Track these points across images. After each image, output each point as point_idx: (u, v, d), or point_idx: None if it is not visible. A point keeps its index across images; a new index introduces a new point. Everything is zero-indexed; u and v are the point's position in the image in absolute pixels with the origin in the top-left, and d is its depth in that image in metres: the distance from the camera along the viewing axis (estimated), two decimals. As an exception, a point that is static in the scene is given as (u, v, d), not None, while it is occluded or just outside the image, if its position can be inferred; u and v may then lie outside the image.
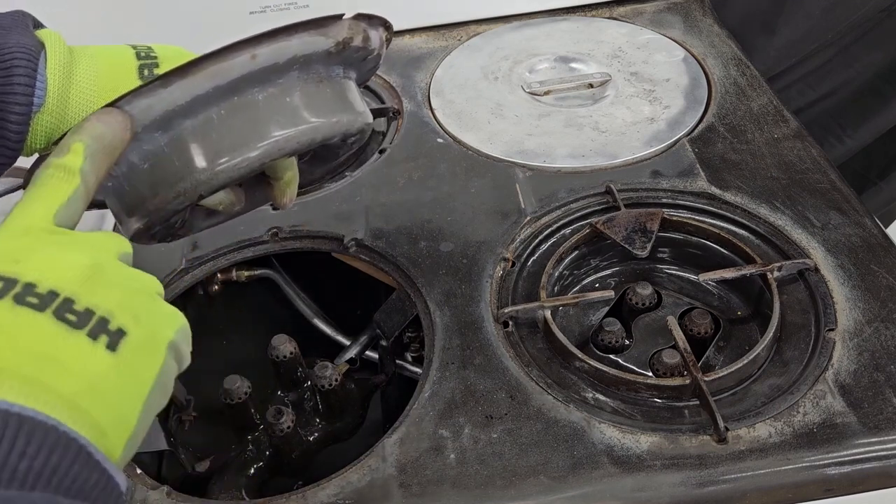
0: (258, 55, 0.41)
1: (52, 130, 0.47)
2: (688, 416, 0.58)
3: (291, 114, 0.44)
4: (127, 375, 0.33)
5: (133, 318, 0.35)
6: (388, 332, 0.72)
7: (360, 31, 0.46)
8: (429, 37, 1.03)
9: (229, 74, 0.41)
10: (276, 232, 0.75)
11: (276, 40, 0.42)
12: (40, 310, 0.32)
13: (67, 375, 0.32)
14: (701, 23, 1.01)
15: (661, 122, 0.85)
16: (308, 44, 0.44)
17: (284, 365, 0.71)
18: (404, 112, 0.90)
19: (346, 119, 0.47)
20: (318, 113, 0.45)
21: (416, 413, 0.58)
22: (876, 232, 0.69)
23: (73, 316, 0.33)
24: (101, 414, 0.32)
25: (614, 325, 0.65)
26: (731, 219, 0.72)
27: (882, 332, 0.61)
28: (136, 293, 0.36)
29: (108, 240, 0.38)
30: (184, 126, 0.42)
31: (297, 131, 0.44)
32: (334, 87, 0.46)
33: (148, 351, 0.35)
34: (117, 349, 0.33)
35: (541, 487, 0.53)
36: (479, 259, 0.70)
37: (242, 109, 0.43)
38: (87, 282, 0.34)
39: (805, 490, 0.54)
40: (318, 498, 0.54)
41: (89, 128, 0.39)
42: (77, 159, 0.38)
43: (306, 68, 0.45)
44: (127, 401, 0.34)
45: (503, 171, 0.80)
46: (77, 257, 0.35)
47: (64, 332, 0.32)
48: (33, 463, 0.28)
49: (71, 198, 0.37)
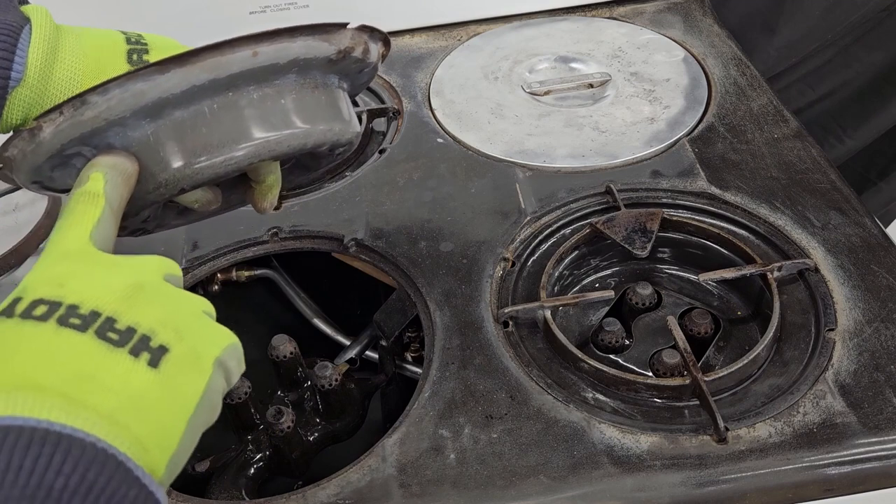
0: (260, 52, 0.41)
1: (30, 106, 0.46)
2: (688, 416, 0.58)
3: (284, 117, 0.43)
4: (169, 391, 0.34)
5: (176, 335, 0.35)
6: (388, 332, 0.72)
7: (361, 43, 0.45)
8: (429, 37, 1.03)
9: (228, 69, 0.41)
10: (276, 232, 0.75)
11: (279, 40, 0.42)
12: (82, 330, 0.33)
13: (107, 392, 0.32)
14: (701, 23, 1.01)
15: (661, 122, 0.85)
16: (310, 48, 0.43)
17: (284, 365, 0.71)
18: (404, 112, 0.90)
19: (338, 128, 0.46)
20: (311, 119, 0.44)
21: (416, 413, 0.58)
22: (876, 232, 0.69)
23: (114, 335, 0.33)
24: (143, 429, 0.32)
25: (614, 325, 0.65)
26: (731, 219, 0.72)
27: (882, 332, 0.61)
28: (181, 311, 0.36)
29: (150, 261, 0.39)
30: (174, 116, 0.41)
31: (288, 135, 0.44)
32: (329, 95, 0.46)
33: (192, 367, 0.35)
34: (159, 366, 0.34)
35: (541, 487, 0.53)
36: (479, 259, 0.70)
37: (235, 106, 0.42)
38: (127, 300, 0.35)
39: (805, 490, 0.54)
40: (318, 498, 0.54)
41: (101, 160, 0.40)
42: (98, 184, 0.39)
43: (304, 73, 0.44)
44: (170, 417, 0.34)
45: (503, 171, 0.80)
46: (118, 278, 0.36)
47: (105, 351, 0.33)
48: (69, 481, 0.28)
49: (101, 219, 0.38)
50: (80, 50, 0.48)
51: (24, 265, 0.77)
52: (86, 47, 0.48)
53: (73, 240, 0.37)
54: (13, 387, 0.31)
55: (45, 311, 0.33)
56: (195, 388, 0.35)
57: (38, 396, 0.31)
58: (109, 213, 0.39)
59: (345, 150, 0.50)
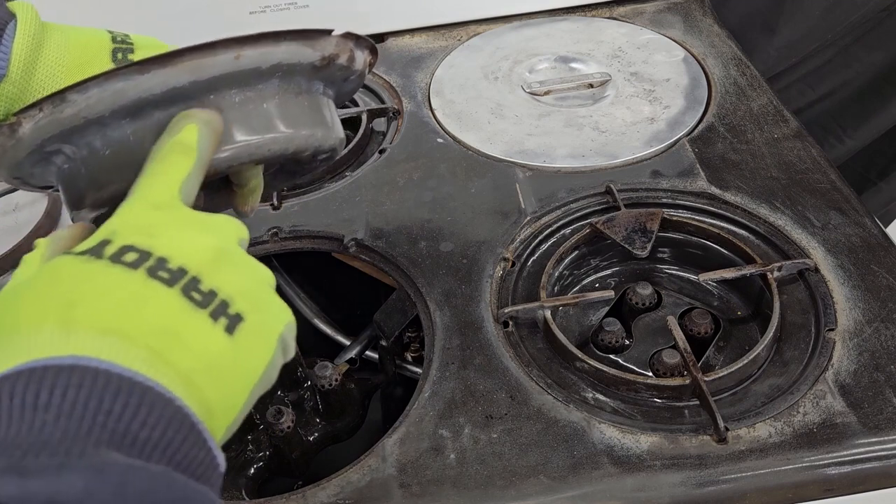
0: (242, 56, 0.40)
1: (12, 101, 0.46)
2: (688, 416, 0.58)
3: (266, 121, 0.43)
4: (241, 360, 0.34)
5: (252, 306, 0.35)
6: (388, 332, 0.72)
7: (347, 50, 0.45)
8: (429, 37, 1.03)
9: (210, 71, 0.40)
10: (276, 232, 0.75)
11: (262, 44, 0.41)
12: (170, 285, 0.33)
13: (187, 352, 0.32)
14: (701, 23, 1.01)
15: (661, 122, 0.85)
16: (294, 53, 0.43)
17: (284, 365, 0.71)
18: (404, 112, 0.90)
19: (321, 134, 0.46)
20: (293, 124, 0.44)
21: (416, 413, 0.58)
22: (876, 232, 0.69)
23: (198, 294, 0.33)
24: (213, 394, 0.32)
25: (614, 325, 0.65)
26: (731, 219, 0.72)
27: (882, 332, 0.61)
28: (256, 282, 0.37)
29: (230, 224, 0.39)
30: (154, 117, 0.40)
31: (270, 139, 0.43)
32: (312, 102, 0.46)
33: (261, 339, 0.35)
34: (234, 333, 0.34)
35: (541, 487, 0.53)
36: (479, 259, 0.70)
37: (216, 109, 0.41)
38: (213, 263, 0.35)
39: (805, 490, 0.54)
40: (318, 498, 0.54)
41: (195, 113, 0.39)
42: (192, 136, 0.38)
43: (288, 78, 0.44)
44: (237, 385, 0.34)
45: (503, 171, 0.80)
46: (205, 238, 0.36)
47: (189, 309, 0.33)
48: (152, 433, 0.29)
49: (191, 173, 0.38)
50: (64, 47, 0.48)
51: (24, 265, 0.76)
52: (70, 45, 0.48)
53: (162, 191, 0.37)
54: (102, 330, 0.31)
55: (135, 258, 0.33)
56: (262, 360, 0.35)
57: (125, 344, 0.31)
58: (199, 168, 0.38)
59: (328, 157, 0.49)
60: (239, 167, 0.44)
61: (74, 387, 0.28)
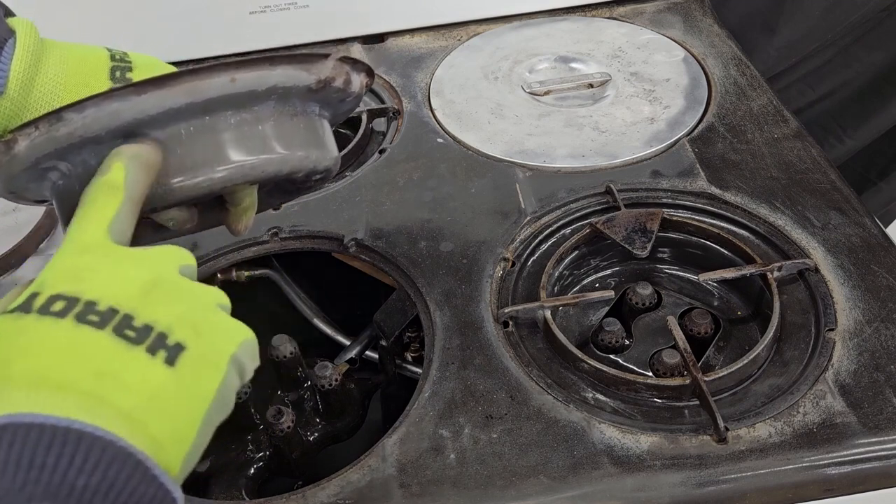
0: (238, 79, 0.41)
1: (9, 118, 0.46)
2: (688, 416, 0.58)
3: (261, 142, 0.44)
4: (185, 389, 0.34)
5: (193, 332, 0.35)
6: (388, 332, 0.72)
7: (343, 74, 0.46)
8: (429, 37, 1.03)
9: (206, 93, 0.41)
10: (276, 232, 0.75)
11: (258, 68, 0.42)
12: (100, 327, 0.33)
13: (125, 390, 0.32)
14: (701, 23, 1.01)
15: (661, 122, 0.85)
16: (290, 77, 0.43)
17: (284, 365, 0.71)
18: (404, 112, 0.90)
19: (315, 156, 0.46)
20: (288, 145, 0.45)
21: (416, 413, 0.58)
22: (876, 232, 0.69)
23: (132, 332, 0.33)
24: (159, 427, 0.32)
25: (614, 325, 0.65)
26: (731, 219, 0.72)
27: (882, 332, 0.61)
28: (197, 306, 0.36)
29: (168, 253, 0.38)
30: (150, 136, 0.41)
31: (264, 160, 0.44)
32: (308, 123, 0.46)
33: (208, 365, 0.35)
34: (176, 364, 0.34)
35: (541, 487, 0.53)
36: (479, 259, 0.70)
37: (212, 130, 0.42)
38: (146, 297, 0.35)
39: (805, 490, 0.54)
40: (318, 498, 0.54)
41: (124, 150, 0.40)
42: (119, 175, 0.38)
43: (284, 100, 0.44)
44: (185, 414, 0.34)
45: (503, 171, 0.80)
46: (136, 272, 0.36)
47: (123, 348, 0.33)
48: (90, 479, 0.29)
49: (119, 212, 0.38)
50: (62, 64, 0.48)
51: (24, 265, 0.77)
52: (69, 62, 0.48)
53: (90, 233, 0.37)
54: (34, 384, 0.31)
55: (63, 306, 0.33)
56: (210, 387, 0.35)
57: (58, 394, 0.31)
58: (129, 206, 0.38)
59: (323, 178, 0.50)
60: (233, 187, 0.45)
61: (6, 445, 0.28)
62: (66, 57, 0.48)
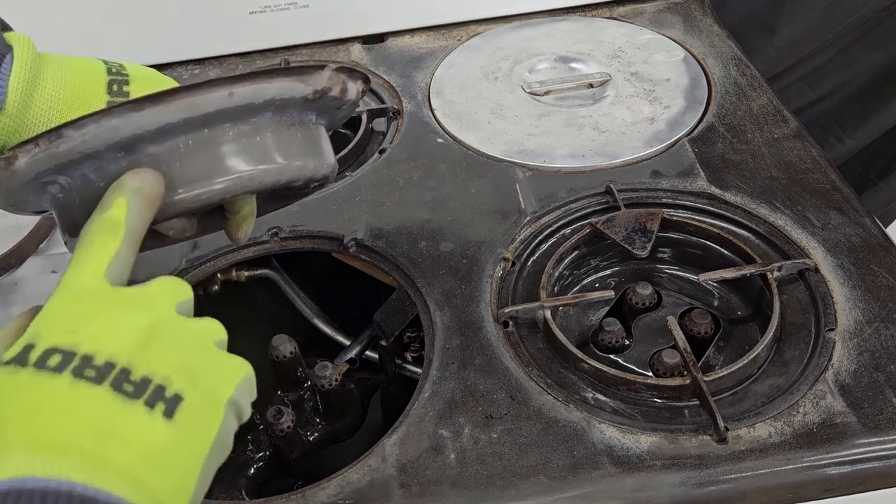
0: (235, 93, 0.41)
1: (9, 134, 0.46)
2: (688, 416, 0.58)
3: (259, 153, 0.44)
4: (184, 442, 0.34)
5: (190, 381, 0.35)
6: (388, 332, 0.72)
7: (339, 83, 0.46)
8: (429, 37, 1.03)
9: (204, 108, 0.41)
10: (276, 232, 0.75)
11: (256, 81, 0.42)
12: (98, 383, 0.33)
13: (125, 447, 0.32)
14: (701, 23, 1.01)
15: (661, 122, 0.85)
16: (287, 89, 0.44)
17: (284, 365, 0.71)
18: (404, 112, 0.90)
19: (313, 164, 0.47)
20: (286, 155, 0.45)
21: (416, 413, 0.58)
22: (876, 232, 0.69)
23: (130, 386, 0.33)
24: (159, 483, 0.32)
25: (614, 325, 0.65)
26: (731, 219, 0.72)
27: (882, 332, 0.61)
28: (194, 351, 0.36)
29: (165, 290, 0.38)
30: (149, 151, 0.41)
31: (262, 171, 0.44)
32: (305, 132, 0.47)
33: (206, 413, 0.35)
34: (174, 416, 0.33)
35: (541, 487, 0.53)
36: (479, 259, 0.70)
37: (211, 143, 0.42)
38: (143, 347, 0.34)
39: (805, 490, 0.54)
40: (318, 498, 0.54)
41: (127, 182, 0.39)
42: (121, 212, 0.38)
43: (281, 111, 0.45)
44: (185, 467, 0.34)
45: (503, 171, 0.80)
46: (133, 319, 0.35)
47: (121, 404, 0.32)
48: None
49: (119, 251, 0.37)
50: (60, 80, 0.48)
51: (24, 265, 0.77)
52: (66, 77, 0.48)
53: (87, 276, 0.36)
54: (33, 446, 0.31)
55: (59, 361, 0.33)
56: (209, 435, 0.35)
57: (58, 456, 0.30)
58: (129, 243, 0.38)
59: (320, 185, 0.50)
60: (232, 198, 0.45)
61: None
62: (63, 72, 0.48)
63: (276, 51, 1.03)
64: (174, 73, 1.02)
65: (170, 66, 1.02)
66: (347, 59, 1.00)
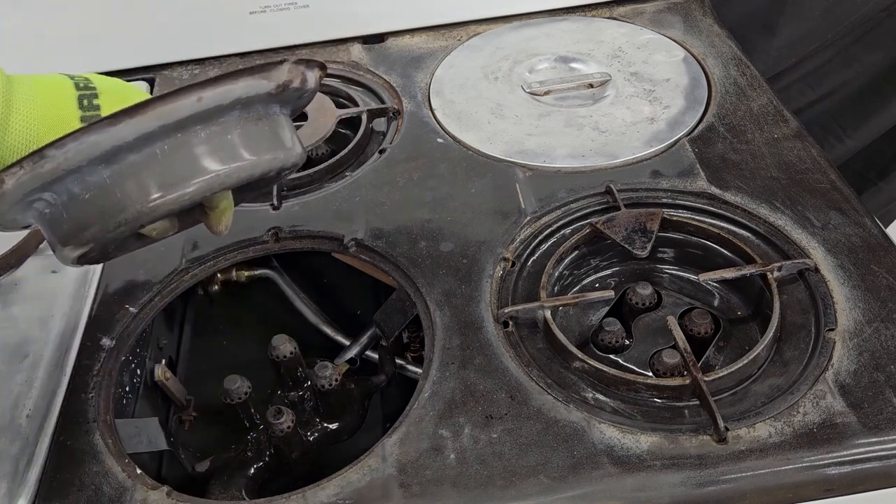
0: (204, 98, 0.44)
1: None
2: (688, 416, 0.58)
3: (231, 151, 0.47)
4: None
5: None
6: (388, 332, 0.72)
7: (298, 74, 0.49)
8: (429, 37, 1.03)
9: (176, 115, 0.44)
10: (276, 232, 0.75)
11: (222, 84, 0.45)
12: None
13: None
14: (701, 23, 1.01)
15: (661, 122, 0.85)
16: (251, 87, 0.46)
17: (284, 365, 0.71)
18: (404, 112, 0.90)
19: (282, 155, 0.50)
20: (256, 150, 0.48)
21: (416, 413, 0.58)
22: (876, 232, 0.69)
23: None
24: None
25: (614, 325, 0.65)
26: (731, 219, 0.72)
27: (882, 332, 0.61)
28: None
29: None
30: (128, 160, 0.44)
31: (236, 167, 0.47)
32: (272, 125, 0.49)
33: None
34: None
35: (541, 487, 0.53)
36: (479, 259, 0.70)
37: (185, 146, 0.45)
38: None
39: (805, 490, 0.54)
40: (318, 498, 0.54)
41: None
42: None
43: (247, 108, 0.47)
44: None
45: (503, 171, 0.80)
46: None
47: None
48: None
49: None
50: (31, 100, 0.49)
51: (24, 265, 0.76)
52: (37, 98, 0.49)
53: None
54: None
55: None
56: None
57: None
58: None
59: (290, 171, 0.53)
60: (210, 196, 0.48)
61: None
62: (33, 92, 0.49)
63: (276, 51, 1.03)
64: (174, 73, 1.02)
65: (170, 66, 1.02)
66: (347, 59, 1.00)
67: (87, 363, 0.65)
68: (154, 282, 0.71)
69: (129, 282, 0.71)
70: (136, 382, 0.71)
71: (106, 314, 0.69)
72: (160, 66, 1.02)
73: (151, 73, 1.02)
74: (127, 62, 1.01)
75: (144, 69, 1.02)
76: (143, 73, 1.02)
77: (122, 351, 0.67)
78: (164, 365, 0.73)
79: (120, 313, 0.69)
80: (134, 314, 0.69)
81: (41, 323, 0.68)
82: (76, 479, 0.57)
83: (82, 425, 0.61)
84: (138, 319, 0.69)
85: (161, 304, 0.71)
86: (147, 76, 1.01)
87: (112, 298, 0.71)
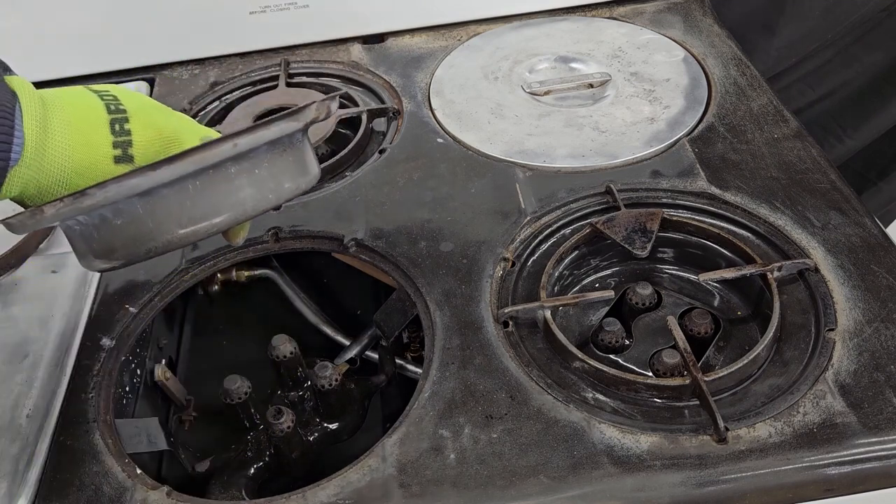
0: (239, 144, 0.47)
1: (27, 182, 0.48)
2: (688, 416, 0.58)
3: (258, 185, 0.50)
4: None
5: None
6: (388, 332, 0.72)
7: (324, 109, 0.51)
8: (429, 37, 1.03)
9: (212, 160, 0.46)
10: (276, 232, 0.75)
11: (256, 132, 0.47)
12: None
13: None
14: (701, 23, 1.01)
15: (661, 122, 0.85)
16: (283, 129, 0.49)
17: (284, 365, 0.71)
18: (404, 112, 0.90)
19: (303, 183, 0.53)
20: (280, 182, 0.51)
21: (416, 413, 0.58)
22: (876, 232, 0.69)
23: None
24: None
25: (614, 325, 0.65)
26: (731, 219, 0.72)
27: (882, 332, 0.61)
28: None
29: None
30: (161, 194, 0.46)
31: (262, 199, 0.50)
32: (295, 154, 0.52)
33: None
34: None
35: (541, 487, 0.53)
36: (479, 259, 0.70)
37: (217, 181, 0.48)
38: None
39: (805, 490, 0.54)
40: (318, 498, 0.54)
41: None
42: None
43: (275, 143, 0.50)
44: None
45: (503, 171, 0.80)
46: None
47: None
48: None
49: None
50: (66, 123, 0.49)
51: (24, 265, 0.76)
52: (72, 121, 0.50)
53: None
54: None
55: None
56: None
57: None
58: None
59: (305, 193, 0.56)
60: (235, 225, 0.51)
61: None
62: (67, 116, 0.50)
63: (276, 51, 1.03)
64: (174, 72, 1.02)
65: (170, 66, 1.02)
66: (347, 59, 1.00)
67: (87, 363, 0.65)
68: (154, 282, 0.71)
69: (129, 282, 0.71)
70: (136, 382, 0.71)
71: (106, 314, 0.69)
72: (160, 66, 1.02)
73: (151, 72, 1.02)
74: (127, 62, 1.01)
75: (144, 69, 1.02)
76: (142, 73, 1.02)
77: (122, 351, 0.67)
78: (164, 365, 0.73)
79: (120, 313, 0.69)
80: (134, 314, 0.69)
81: (41, 323, 0.68)
82: (76, 479, 0.57)
83: (82, 425, 0.61)
84: (138, 319, 0.69)
85: (161, 304, 0.71)
86: (147, 76, 1.01)
87: (112, 298, 0.71)
